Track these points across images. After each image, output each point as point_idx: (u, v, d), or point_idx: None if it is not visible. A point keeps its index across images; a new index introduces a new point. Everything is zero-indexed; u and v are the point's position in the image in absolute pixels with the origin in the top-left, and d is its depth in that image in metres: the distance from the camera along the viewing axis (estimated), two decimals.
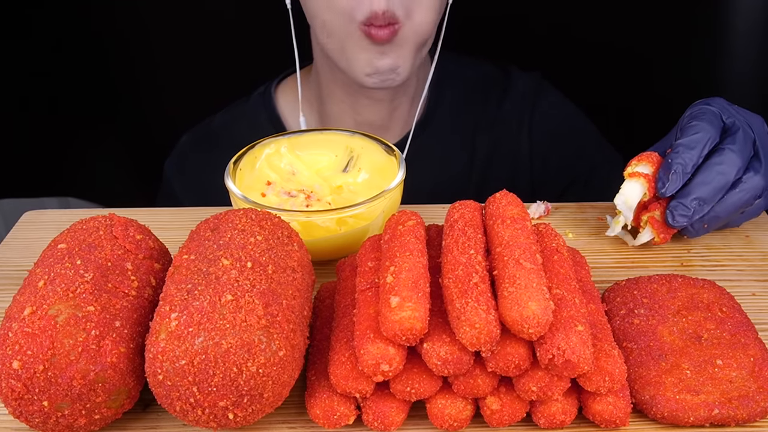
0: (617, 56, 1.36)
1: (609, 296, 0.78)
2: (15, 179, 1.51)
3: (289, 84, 1.28)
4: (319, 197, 0.92)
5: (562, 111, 1.30)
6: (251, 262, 0.65)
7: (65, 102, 1.46)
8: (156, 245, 0.73)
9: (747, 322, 0.73)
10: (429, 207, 0.97)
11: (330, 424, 0.65)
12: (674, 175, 0.84)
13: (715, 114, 0.87)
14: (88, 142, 1.50)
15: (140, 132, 1.51)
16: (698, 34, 1.29)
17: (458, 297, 0.61)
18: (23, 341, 0.60)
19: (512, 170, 1.28)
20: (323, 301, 0.76)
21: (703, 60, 1.30)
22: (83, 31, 1.43)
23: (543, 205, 0.97)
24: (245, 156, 0.93)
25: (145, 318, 0.66)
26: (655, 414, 0.66)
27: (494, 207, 0.72)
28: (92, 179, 1.55)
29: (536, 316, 0.59)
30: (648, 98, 1.36)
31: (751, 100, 1.26)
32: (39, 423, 0.62)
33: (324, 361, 0.67)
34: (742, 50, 1.25)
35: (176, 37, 1.42)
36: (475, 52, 1.31)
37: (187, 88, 1.43)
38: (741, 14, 1.23)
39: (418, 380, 0.63)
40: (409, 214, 0.73)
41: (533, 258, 0.65)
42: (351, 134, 0.97)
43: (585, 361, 0.61)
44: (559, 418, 0.64)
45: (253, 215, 0.71)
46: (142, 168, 1.50)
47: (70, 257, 0.66)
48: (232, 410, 0.61)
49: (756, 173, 0.85)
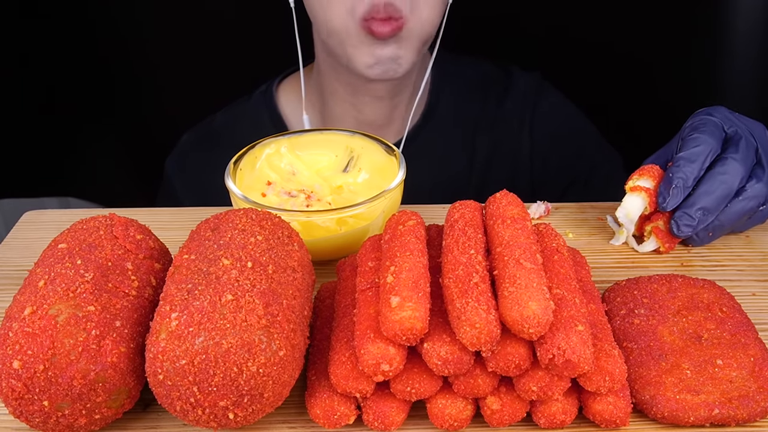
0: (617, 57, 1.36)
1: (609, 296, 0.78)
2: (15, 179, 1.51)
3: (290, 83, 1.28)
4: (319, 197, 0.92)
5: (562, 111, 1.30)
6: (251, 262, 0.65)
7: (65, 102, 1.46)
8: (156, 245, 0.73)
9: (747, 322, 0.73)
10: (429, 207, 0.97)
11: (330, 424, 0.65)
12: (675, 190, 0.84)
13: (717, 124, 0.87)
14: (88, 141, 1.50)
15: (140, 132, 1.51)
16: (698, 35, 1.29)
17: (458, 297, 0.61)
18: (23, 341, 0.60)
19: (512, 170, 1.28)
20: (323, 301, 0.76)
21: (703, 60, 1.30)
22: (83, 30, 1.43)
23: (543, 205, 0.97)
24: (245, 156, 0.93)
25: (145, 318, 0.66)
26: (655, 414, 0.66)
27: (494, 207, 0.72)
28: (92, 179, 1.55)
29: (536, 316, 0.59)
30: (648, 98, 1.36)
31: (751, 99, 1.27)
32: (39, 423, 0.62)
33: (324, 361, 0.67)
34: (742, 50, 1.25)
35: (177, 37, 1.42)
36: (474, 52, 1.31)
37: (188, 87, 1.43)
38: (741, 14, 1.23)
39: (418, 380, 0.63)
40: (409, 214, 0.73)
41: (533, 258, 0.65)
42: (351, 134, 0.97)
43: (585, 361, 0.61)
44: (559, 418, 0.64)
45: (254, 215, 0.71)
46: (143, 168, 1.50)
47: (70, 257, 0.66)
48: (233, 410, 0.61)
49: (759, 181, 0.86)
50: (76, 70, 1.44)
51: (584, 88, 1.33)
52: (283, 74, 1.28)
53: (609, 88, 1.37)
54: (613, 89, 1.37)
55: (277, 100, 1.27)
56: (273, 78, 1.28)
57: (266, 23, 1.31)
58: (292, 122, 1.26)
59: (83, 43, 1.43)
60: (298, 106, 1.23)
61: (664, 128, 0.98)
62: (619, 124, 1.36)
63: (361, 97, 1.19)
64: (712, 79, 1.30)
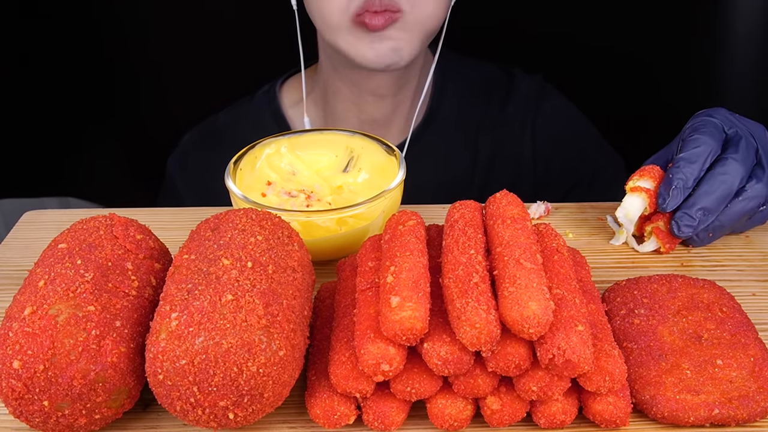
0: (617, 59, 1.36)
1: (609, 296, 0.78)
2: (15, 179, 1.51)
3: (293, 83, 1.28)
4: (319, 197, 0.92)
5: (564, 114, 1.30)
6: (251, 262, 0.65)
7: (65, 102, 1.46)
8: (156, 245, 0.73)
9: (747, 322, 0.73)
10: (429, 207, 0.97)
11: (330, 424, 0.65)
12: (675, 191, 0.84)
13: (717, 126, 0.87)
14: (88, 141, 1.50)
15: (141, 132, 1.50)
16: (698, 35, 1.29)
17: (458, 297, 0.61)
18: (23, 341, 0.60)
19: (515, 172, 1.28)
20: (323, 301, 0.76)
21: (703, 60, 1.30)
22: (84, 30, 1.43)
23: (543, 205, 0.97)
24: (245, 156, 0.93)
25: (145, 318, 0.66)
26: (655, 414, 0.66)
27: (494, 207, 0.72)
28: (92, 179, 1.55)
29: (536, 316, 0.59)
30: (649, 100, 1.36)
31: (751, 101, 1.27)
32: (39, 423, 0.62)
33: (324, 361, 0.67)
34: (742, 50, 1.25)
35: (179, 37, 1.42)
36: (477, 53, 1.31)
37: (189, 87, 1.43)
38: (741, 15, 1.23)
39: (418, 380, 0.63)
40: (409, 214, 0.73)
41: (533, 258, 0.65)
42: (351, 134, 0.97)
43: (585, 361, 0.61)
44: (559, 418, 0.64)
45: (254, 215, 0.71)
46: (143, 168, 1.50)
47: (70, 257, 0.66)
48: (233, 410, 0.61)
49: (759, 181, 0.86)
50: (76, 70, 1.44)
51: (585, 89, 1.33)
52: (286, 75, 1.28)
53: (610, 90, 1.37)
54: (614, 90, 1.37)
55: (280, 100, 1.27)
56: (276, 78, 1.29)
57: (268, 24, 1.31)
58: (295, 122, 1.26)
59: (84, 42, 1.43)
60: (300, 106, 1.23)
61: (665, 130, 0.98)
62: (620, 125, 1.36)
63: (363, 95, 1.19)
64: (713, 80, 1.30)
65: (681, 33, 1.32)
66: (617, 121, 1.37)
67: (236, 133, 1.27)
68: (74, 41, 1.43)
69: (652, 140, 1.02)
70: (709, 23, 1.27)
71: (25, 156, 1.48)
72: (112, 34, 1.44)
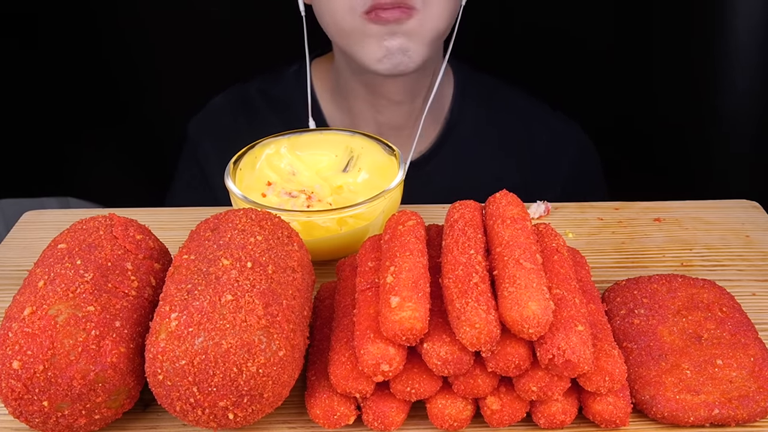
0: (617, 59, 1.36)
1: (609, 296, 0.78)
2: (15, 179, 1.51)
3: (319, 66, 1.27)
4: (319, 198, 0.92)
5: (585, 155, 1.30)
6: (251, 262, 0.65)
7: (65, 102, 1.46)
8: (156, 245, 0.73)
9: (747, 322, 0.73)
10: (429, 207, 0.97)
11: (330, 424, 0.65)
12: None
13: None
14: (88, 141, 1.50)
15: (141, 132, 1.51)
16: (697, 35, 1.29)
17: (458, 297, 0.61)
18: (23, 341, 0.60)
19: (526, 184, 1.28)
20: (323, 301, 0.76)
21: (703, 60, 1.30)
22: (83, 30, 1.43)
23: (543, 205, 0.97)
24: (245, 156, 0.93)
25: (145, 318, 0.66)
26: (655, 414, 0.66)
27: (494, 207, 0.72)
28: (92, 179, 1.55)
29: (536, 316, 0.59)
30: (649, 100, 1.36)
31: (750, 100, 1.27)
32: (39, 423, 0.62)
33: (324, 361, 0.67)
34: (742, 50, 1.25)
35: (179, 37, 1.42)
36: (481, 63, 1.32)
37: (190, 88, 1.43)
38: (741, 15, 1.23)
39: (418, 380, 0.63)
40: (409, 214, 0.73)
41: (533, 258, 0.65)
42: (351, 134, 0.97)
43: (585, 361, 0.61)
44: (559, 418, 0.64)
45: (253, 215, 0.71)
46: (143, 168, 1.50)
47: (70, 257, 0.66)
48: (232, 410, 0.61)
49: None
50: (77, 70, 1.44)
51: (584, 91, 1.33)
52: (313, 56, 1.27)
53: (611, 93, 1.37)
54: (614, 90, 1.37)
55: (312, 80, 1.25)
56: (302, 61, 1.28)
57: (271, 25, 1.31)
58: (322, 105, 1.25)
59: (85, 43, 1.43)
60: (326, 90, 1.24)
61: (665, 128, 0.98)
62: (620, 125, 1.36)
63: (378, 99, 1.20)
64: (713, 80, 1.30)
65: (681, 32, 1.32)
66: (617, 121, 1.37)
67: (270, 99, 1.27)
68: (74, 41, 1.43)
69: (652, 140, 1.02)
70: (709, 22, 1.27)
71: (25, 156, 1.48)
72: (113, 34, 1.44)
